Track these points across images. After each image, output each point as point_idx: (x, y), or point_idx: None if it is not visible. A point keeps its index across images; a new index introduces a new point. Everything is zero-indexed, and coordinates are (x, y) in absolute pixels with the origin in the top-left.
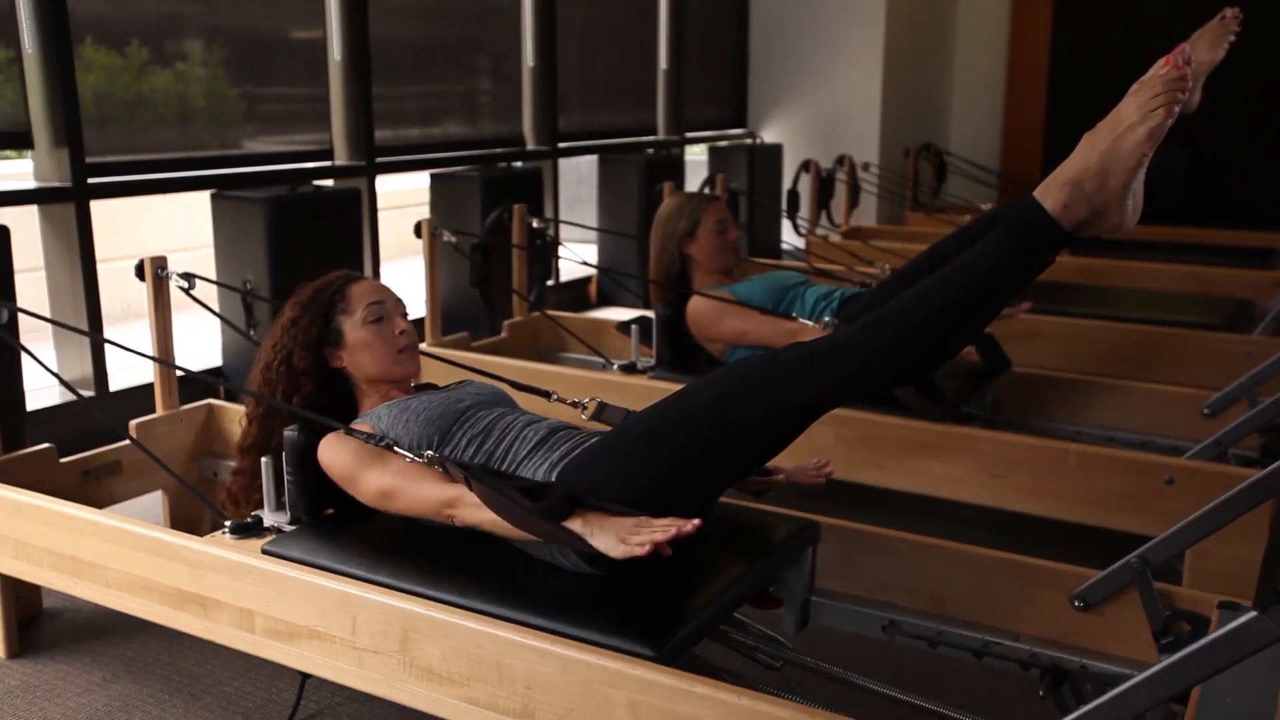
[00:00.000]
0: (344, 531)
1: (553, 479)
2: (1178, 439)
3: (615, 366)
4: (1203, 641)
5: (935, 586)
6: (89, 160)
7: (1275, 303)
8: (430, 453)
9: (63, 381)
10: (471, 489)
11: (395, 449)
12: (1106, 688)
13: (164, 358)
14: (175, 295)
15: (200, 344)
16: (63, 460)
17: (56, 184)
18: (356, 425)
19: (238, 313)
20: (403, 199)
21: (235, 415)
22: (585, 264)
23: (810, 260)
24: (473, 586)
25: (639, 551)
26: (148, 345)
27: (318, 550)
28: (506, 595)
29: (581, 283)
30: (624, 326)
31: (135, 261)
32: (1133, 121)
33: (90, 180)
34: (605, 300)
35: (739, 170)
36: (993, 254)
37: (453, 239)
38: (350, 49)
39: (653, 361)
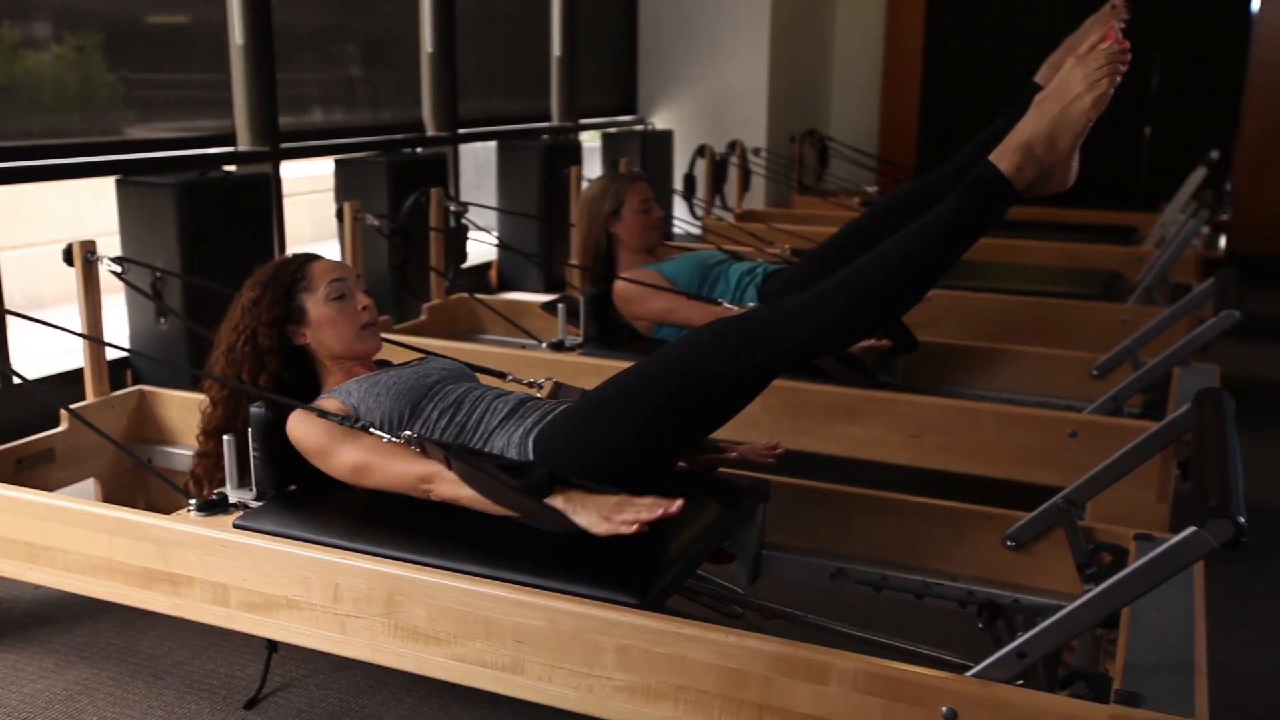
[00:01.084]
0: (314, 504)
1: (528, 446)
2: (1070, 399)
3: (544, 345)
4: (1151, 555)
5: (877, 536)
6: None
7: (1144, 274)
8: (408, 433)
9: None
10: (451, 468)
11: (371, 430)
12: (1037, 619)
13: (97, 342)
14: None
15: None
16: (9, 445)
17: None
18: (325, 401)
19: (144, 302)
20: (295, 186)
21: (167, 400)
22: (507, 247)
23: (712, 242)
24: (452, 550)
25: (624, 530)
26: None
27: (291, 523)
28: (487, 556)
29: (483, 268)
30: (549, 306)
31: (35, 250)
32: (1079, 91)
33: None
34: (505, 284)
35: (632, 156)
36: (953, 212)
37: (375, 222)
38: (253, 33)
39: (580, 339)
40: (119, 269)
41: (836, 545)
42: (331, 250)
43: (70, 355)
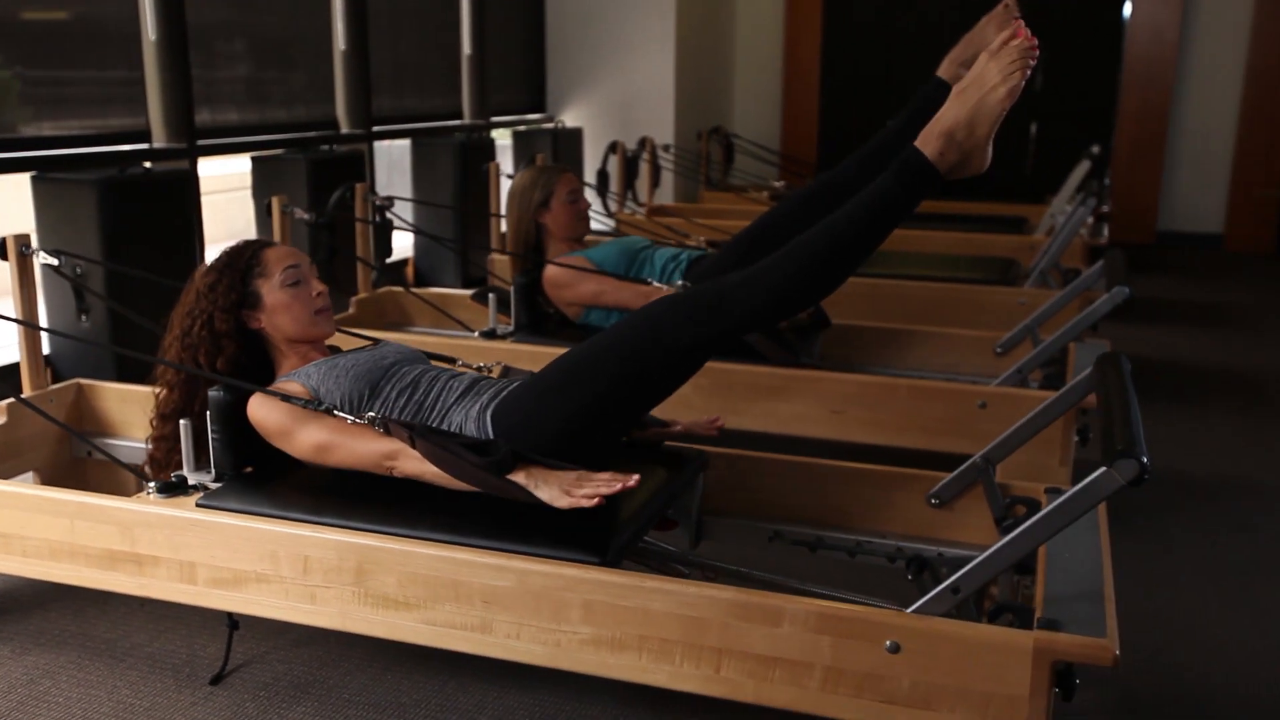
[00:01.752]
0: (275, 483)
1: (485, 421)
2: (975, 375)
3: (476, 334)
4: (1068, 493)
5: (811, 499)
6: None
7: (1037, 260)
8: (372, 414)
9: None
10: (415, 446)
11: (336, 412)
12: (960, 569)
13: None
14: None
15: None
16: None
17: None
18: (285, 384)
19: (65, 298)
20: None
21: (104, 393)
22: (434, 238)
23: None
24: (416, 520)
25: (585, 503)
26: None
27: (255, 501)
28: (451, 525)
29: (399, 265)
30: (480, 296)
31: None
32: (995, 82)
33: None
34: (421, 280)
35: (543, 153)
36: (882, 194)
37: (305, 216)
38: (166, 28)
39: (511, 327)
40: (55, 262)
41: (773, 510)
42: None
43: None
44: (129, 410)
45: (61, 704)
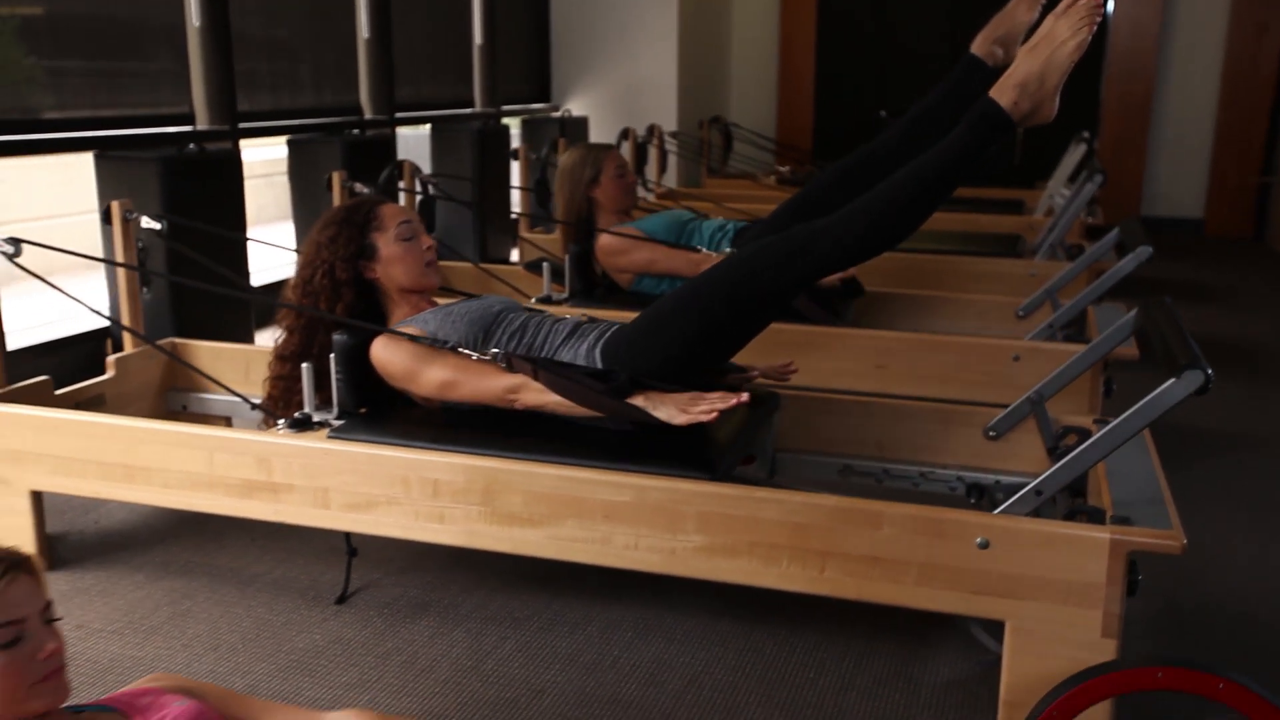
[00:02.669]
0: (395, 418)
1: (595, 358)
2: (999, 337)
3: (534, 300)
4: (1139, 403)
5: (877, 435)
6: None
7: (1045, 234)
8: (495, 350)
9: (97, 311)
10: (538, 378)
11: (462, 350)
12: (1014, 493)
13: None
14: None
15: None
16: (58, 392)
17: None
18: (404, 329)
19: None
20: None
21: (196, 350)
22: (474, 209)
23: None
24: (538, 446)
25: (703, 418)
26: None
27: (382, 433)
28: (569, 450)
29: None
30: (533, 266)
31: None
32: (1065, 38)
33: None
34: (441, 256)
35: (540, 146)
36: (961, 142)
37: (365, 189)
38: (209, 17)
39: (565, 294)
40: (158, 225)
41: (842, 446)
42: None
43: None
44: (219, 367)
45: (206, 619)
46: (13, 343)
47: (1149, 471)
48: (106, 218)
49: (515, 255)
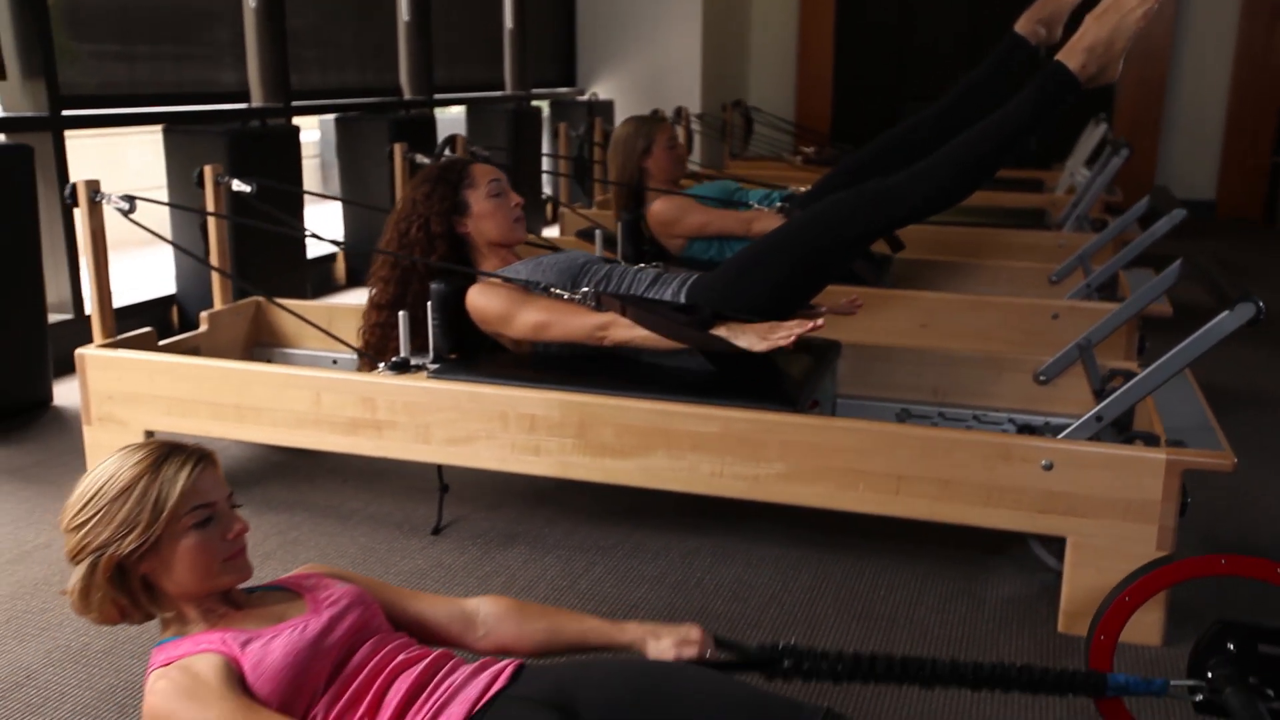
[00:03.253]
0: (489, 362)
1: (680, 301)
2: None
3: None
4: (1196, 333)
5: (932, 381)
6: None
7: (1069, 209)
8: (586, 289)
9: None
10: (626, 314)
11: (554, 291)
12: (1060, 433)
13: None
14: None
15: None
16: (160, 343)
17: (31, 114)
18: (497, 278)
19: (195, 241)
20: None
21: (277, 309)
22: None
23: None
24: (627, 384)
25: (783, 343)
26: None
27: (478, 374)
28: (658, 387)
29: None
30: (586, 234)
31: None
32: (1133, 5)
33: (64, 112)
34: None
35: (579, 122)
36: (1032, 101)
37: (425, 159)
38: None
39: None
40: (248, 188)
41: (899, 392)
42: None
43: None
44: (302, 324)
45: (314, 546)
46: (87, 309)
47: (1196, 404)
48: (199, 182)
49: (548, 233)
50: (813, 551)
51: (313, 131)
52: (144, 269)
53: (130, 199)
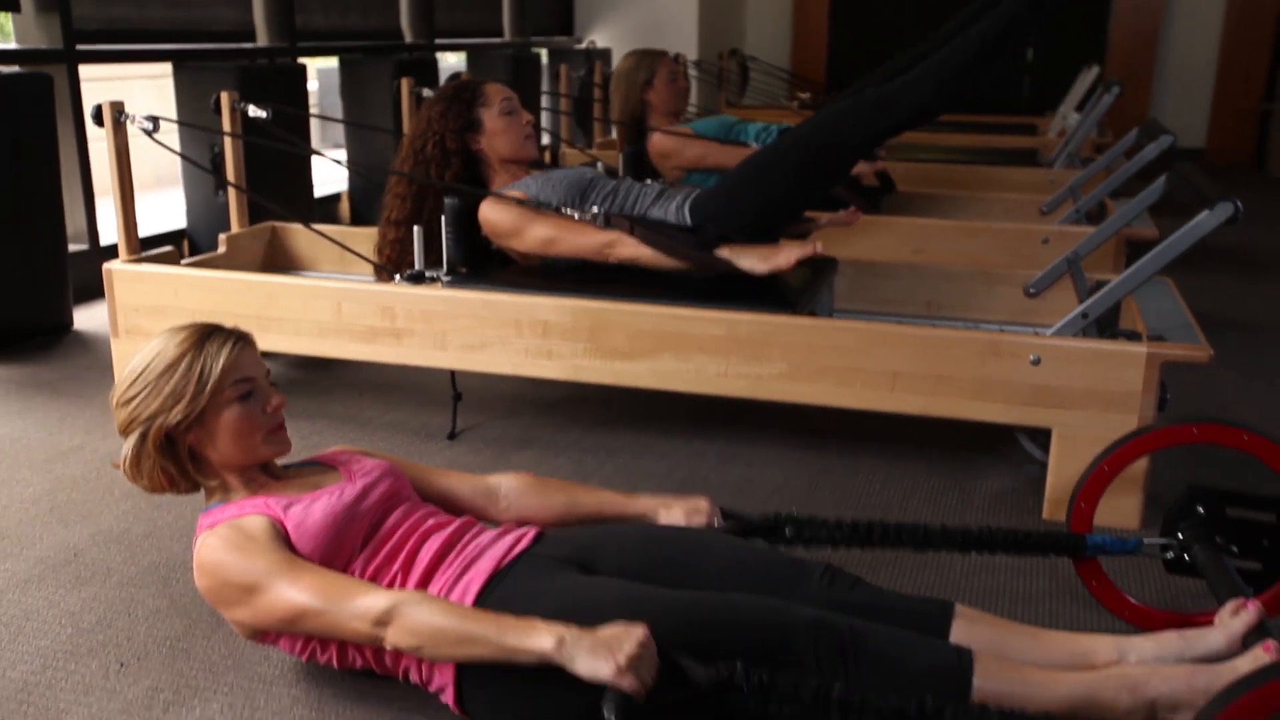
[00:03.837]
0: (500, 273)
1: (684, 214)
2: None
3: None
4: (1176, 233)
5: (927, 295)
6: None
7: (1060, 148)
8: (595, 209)
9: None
10: (633, 233)
11: (565, 209)
12: None
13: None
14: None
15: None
16: (182, 261)
17: (46, 47)
18: (508, 192)
19: (206, 178)
20: None
21: (293, 234)
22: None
23: None
24: (636, 292)
25: (784, 265)
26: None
27: (492, 283)
28: (666, 294)
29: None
30: (589, 165)
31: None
32: None
33: (79, 46)
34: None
35: (576, 69)
36: (1016, 5)
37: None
38: None
39: None
40: (264, 113)
41: (894, 306)
42: None
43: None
44: (316, 250)
45: (336, 442)
46: (105, 239)
47: (1177, 308)
48: (216, 108)
49: None
50: (812, 453)
51: (310, 82)
52: (152, 210)
53: (154, 119)
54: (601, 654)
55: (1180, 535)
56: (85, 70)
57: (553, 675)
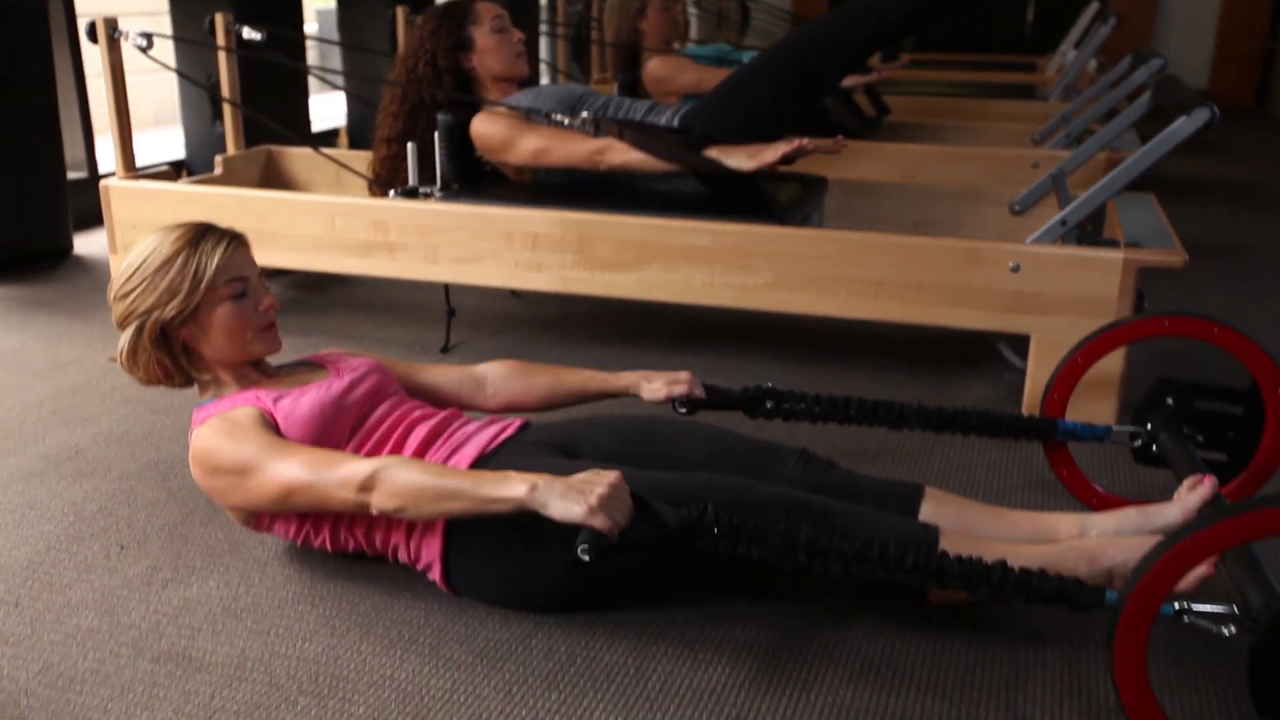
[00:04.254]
0: (493, 188)
1: (674, 125)
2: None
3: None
4: (1156, 137)
5: (915, 215)
6: None
7: (1058, 83)
8: (585, 115)
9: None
10: (623, 138)
11: (555, 117)
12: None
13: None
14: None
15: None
16: (179, 180)
17: None
18: (498, 107)
19: (202, 108)
20: None
21: (289, 156)
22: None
23: None
24: (624, 205)
25: (770, 160)
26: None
27: (483, 198)
28: (653, 207)
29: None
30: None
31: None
32: None
33: None
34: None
35: (575, 3)
36: None
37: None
38: None
39: None
40: (259, 35)
41: (883, 225)
42: None
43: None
44: (313, 172)
45: None
46: (104, 170)
47: (1155, 216)
48: (210, 30)
49: None
50: (796, 366)
51: (309, 24)
52: (151, 148)
53: (148, 35)
54: (574, 496)
55: (1149, 425)
56: (81, 4)
57: (534, 544)
